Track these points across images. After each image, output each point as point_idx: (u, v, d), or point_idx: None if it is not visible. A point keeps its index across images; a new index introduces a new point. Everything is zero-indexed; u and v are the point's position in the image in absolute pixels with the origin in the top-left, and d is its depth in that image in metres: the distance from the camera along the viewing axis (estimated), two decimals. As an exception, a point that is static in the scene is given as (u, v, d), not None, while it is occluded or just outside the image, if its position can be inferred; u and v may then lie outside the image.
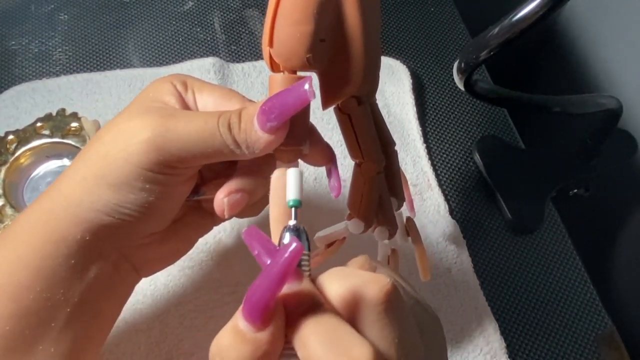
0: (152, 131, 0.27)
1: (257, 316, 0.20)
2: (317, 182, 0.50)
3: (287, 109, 0.26)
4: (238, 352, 0.20)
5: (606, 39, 0.63)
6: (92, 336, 0.31)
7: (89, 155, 0.28)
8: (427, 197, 0.51)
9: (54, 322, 0.28)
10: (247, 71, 0.56)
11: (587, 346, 0.46)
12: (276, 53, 0.27)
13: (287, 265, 0.19)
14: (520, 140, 0.57)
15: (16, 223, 0.29)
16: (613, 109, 0.47)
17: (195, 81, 0.31)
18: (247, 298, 0.20)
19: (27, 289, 0.27)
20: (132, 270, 0.31)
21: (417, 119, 0.55)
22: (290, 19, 0.26)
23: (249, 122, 0.27)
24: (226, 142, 0.27)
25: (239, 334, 0.20)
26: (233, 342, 0.20)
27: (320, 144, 0.31)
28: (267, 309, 0.20)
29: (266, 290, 0.19)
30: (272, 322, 0.20)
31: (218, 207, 0.30)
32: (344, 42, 0.27)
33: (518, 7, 0.35)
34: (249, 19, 0.61)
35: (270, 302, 0.20)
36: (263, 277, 0.19)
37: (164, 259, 0.33)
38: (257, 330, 0.20)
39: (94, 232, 0.28)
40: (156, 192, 0.28)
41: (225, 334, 0.21)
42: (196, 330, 0.42)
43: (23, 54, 0.57)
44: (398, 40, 0.62)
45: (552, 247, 0.51)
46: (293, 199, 0.24)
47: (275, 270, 0.19)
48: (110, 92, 0.54)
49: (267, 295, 0.19)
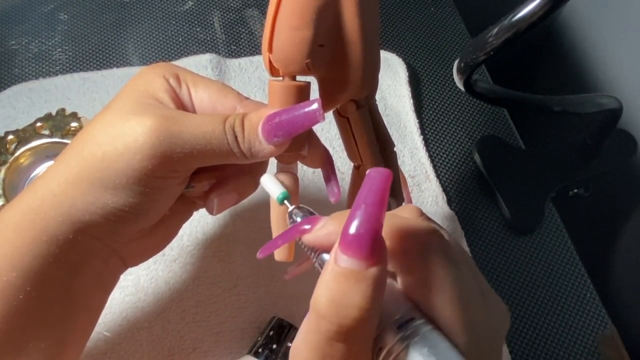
0: (157, 137, 0.26)
1: (371, 247, 0.18)
2: (316, 175, 0.50)
3: (296, 128, 0.26)
4: (357, 296, 0.18)
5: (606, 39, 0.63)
6: (81, 329, 0.31)
7: (83, 155, 0.27)
8: (425, 189, 0.51)
9: (44, 320, 0.28)
10: (244, 66, 0.56)
11: (587, 346, 0.46)
12: (276, 58, 0.27)
13: (385, 187, 0.18)
14: (520, 140, 0.57)
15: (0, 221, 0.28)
16: (613, 109, 0.47)
17: (187, 74, 0.31)
18: (357, 234, 0.18)
19: (16, 289, 0.27)
20: (120, 262, 0.31)
21: (414, 111, 0.55)
22: (289, 25, 0.26)
23: (252, 132, 0.28)
24: (233, 150, 0.28)
25: (351, 276, 0.18)
26: (347, 287, 0.18)
27: (318, 148, 0.32)
28: (378, 239, 0.18)
29: (371, 218, 0.18)
30: (383, 252, 0.18)
31: (209, 206, 0.30)
32: (342, 47, 0.27)
33: (518, 7, 0.35)
34: (249, 18, 0.61)
35: (380, 230, 0.18)
36: (363, 209, 0.18)
37: (152, 249, 0.33)
38: (369, 265, 0.18)
39: (86, 232, 0.28)
40: (155, 195, 0.28)
41: (331, 285, 0.18)
42: (197, 326, 0.42)
43: (23, 53, 0.57)
44: (398, 40, 0.62)
45: (552, 247, 0.51)
46: (278, 195, 0.26)
47: (375, 194, 0.18)
48: (107, 91, 0.54)
49: (375, 224, 0.18)
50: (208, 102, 0.30)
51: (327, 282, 0.18)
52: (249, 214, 0.47)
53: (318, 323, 0.18)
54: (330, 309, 0.18)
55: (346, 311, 0.18)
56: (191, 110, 0.30)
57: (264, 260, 0.45)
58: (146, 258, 0.33)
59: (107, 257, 0.30)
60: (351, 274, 0.18)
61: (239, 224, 0.47)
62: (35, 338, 0.28)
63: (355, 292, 0.18)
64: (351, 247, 0.18)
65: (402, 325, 0.19)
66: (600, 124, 0.50)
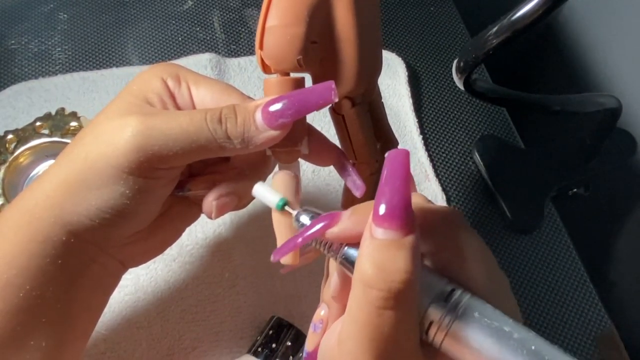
0: (133, 134, 0.26)
1: (405, 217, 0.19)
2: (315, 175, 0.50)
3: (308, 106, 0.26)
4: (401, 260, 0.19)
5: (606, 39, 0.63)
6: (82, 328, 0.31)
7: (71, 157, 0.27)
8: (425, 188, 0.51)
9: (44, 318, 0.28)
10: (244, 66, 0.56)
11: (587, 346, 0.46)
12: (266, 55, 0.27)
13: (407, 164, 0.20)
14: (519, 140, 0.57)
15: (1, 220, 0.28)
16: (613, 108, 0.47)
17: (189, 74, 0.30)
18: (390, 206, 0.19)
19: (16, 288, 0.27)
20: (119, 264, 0.31)
21: (414, 111, 0.55)
22: (279, 22, 0.26)
23: (247, 117, 0.27)
24: (214, 135, 0.27)
25: (391, 245, 0.19)
26: (389, 254, 0.19)
27: (322, 144, 0.31)
28: (410, 209, 0.19)
29: (400, 191, 0.19)
30: (415, 222, 0.20)
31: (206, 209, 0.29)
32: (336, 44, 0.27)
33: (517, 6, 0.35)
34: (249, 18, 0.61)
35: (410, 202, 0.19)
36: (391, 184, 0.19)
37: (151, 251, 0.33)
38: (405, 234, 0.19)
39: (77, 235, 0.28)
40: (135, 197, 0.27)
41: (374, 255, 0.19)
42: (197, 325, 0.42)
43: (22, 53, 0.57)
44: (398, 39, 0.62)
45: (551, 246, 0.51)
46: (277, 202, 0.25)
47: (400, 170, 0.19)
48: (107, 90, 0.54)
49: (405, 196, 0.19)
50: (211, 101, 0.30)
51: (369, 254, 0.19)
52: (249, 213, 0.47)
53: (366, 294, 0.19)
54: (378, 275, 0.19)
55: (393, 275, 0.19)
56: (190, 109, 0.30)
57: (263, 260, 0.45)
58: (147, 260, 0.33)
59: (104, 261, 0.30)
60: (391, 243, 0.19)
61: (239, 223, 0.47)
62: (36, 336, 0.28)
63: (399, 258, 0.19)
64: (387, 220, 0.19)
65: (447, 298, 0.21)
66: (600, 124, 0.50)
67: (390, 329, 0.19)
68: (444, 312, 0.20)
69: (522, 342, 0.20)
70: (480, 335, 0.20)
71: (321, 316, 0.25)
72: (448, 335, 0.20)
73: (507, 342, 0.20)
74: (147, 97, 0.29)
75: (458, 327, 0.20)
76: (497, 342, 0.20)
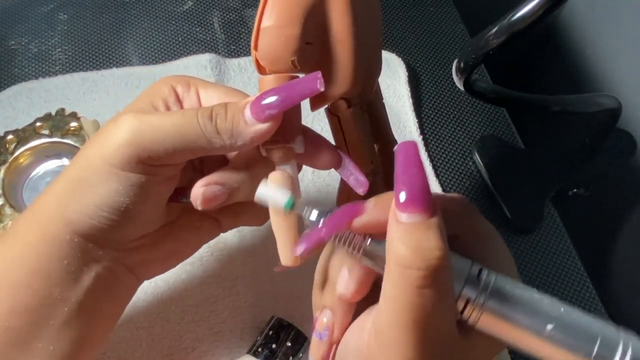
0: (125, 126, 0.27)
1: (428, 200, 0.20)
2: (316, 175, 0.50)
3: (294, 96, 0.26)
4: (432, 239, 0.20)
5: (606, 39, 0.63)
6: (92, 336, 0.31)
7: (77, 156, 0.28)
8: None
9: (52, 321, 0.28)
10: (244, 66, 0.56)
11: (586, 346, 0.46)
12: (261, 56, 0.27)
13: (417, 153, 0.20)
14: (519, 140, 0.57)
15: (17, 221, 0.29)
16: (613, 108, 0.47)
17: (199, 80, 0.31)
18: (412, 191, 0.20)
19: (25, 287, 0.27)
20: (128, 272, 0.31)
21: (414, 111, 0.55)
22: (274, 22, 0.26)
23: (238, 111, 0.27)
24: (204, 131, 0.27)
25: (420, 226, 0.20)
26: (421, 235, 0.20)
27: (318, 142, 0.30)
28: (430, 193, 0.20)
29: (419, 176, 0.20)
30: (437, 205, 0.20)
31: (193, 197, 0.28)
32: (331, 45, 0.27)
33: (517, 7, 0.35)
34: (249, 18, 0.61)
35: (429, 186, 0.20)
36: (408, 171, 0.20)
37: (162, 261, 0.32)
38: (430, 216, 0.20)
39: (81, 234, 0.28)
40: (130, 195, 0.27)
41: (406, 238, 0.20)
42: (197, 325, 0.42)
43: (22, 53, 0.57)
44: (397, 39, 0.62)
45: (551, 247, 0.51)
46: (286, 202, 0.24)
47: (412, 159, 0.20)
48: (107, 90, 0.54)
49: (424, 180, 0.20)
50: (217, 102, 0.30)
51: (401, 238, 0.20)
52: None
53: (405, 276, 0.20)
54: (415, 255, 0.19)
55: (429, 253, 0.19)
56: None
57: (263, 260, 0.45)
58: (160, 271, 0.33)
59: (111, 265, 0.30)
60: (420, 224, 0.20)
61: (239, 223, 0.47)
62: (44, 339, 0.28)
63: (430, 236, 0.20)
64: (410, 204, 0.20)
65: (477, 278, 0.22)
66: (600, 124, 0.50)
67: (431, 308, 0.20)
68: (478, 291, 0.21)
69: (553, 305, 0.21)
70: (517, 308, 0.21)
71: (325, 323, 0.25)
72: (484, 312, 0.21)
73: (540, 308, 0.21)
74: (153, 102, 0.29)
75: (493, 304, 0.21)
76: (532, 311, 0.21)
